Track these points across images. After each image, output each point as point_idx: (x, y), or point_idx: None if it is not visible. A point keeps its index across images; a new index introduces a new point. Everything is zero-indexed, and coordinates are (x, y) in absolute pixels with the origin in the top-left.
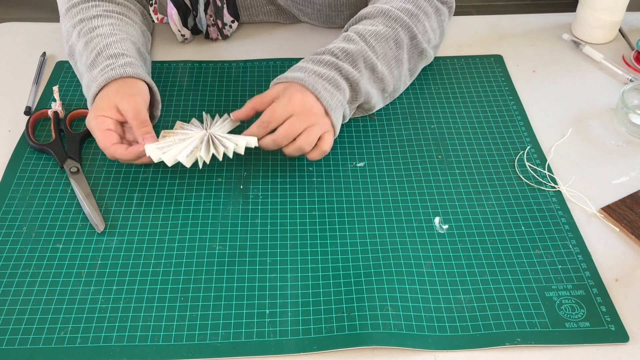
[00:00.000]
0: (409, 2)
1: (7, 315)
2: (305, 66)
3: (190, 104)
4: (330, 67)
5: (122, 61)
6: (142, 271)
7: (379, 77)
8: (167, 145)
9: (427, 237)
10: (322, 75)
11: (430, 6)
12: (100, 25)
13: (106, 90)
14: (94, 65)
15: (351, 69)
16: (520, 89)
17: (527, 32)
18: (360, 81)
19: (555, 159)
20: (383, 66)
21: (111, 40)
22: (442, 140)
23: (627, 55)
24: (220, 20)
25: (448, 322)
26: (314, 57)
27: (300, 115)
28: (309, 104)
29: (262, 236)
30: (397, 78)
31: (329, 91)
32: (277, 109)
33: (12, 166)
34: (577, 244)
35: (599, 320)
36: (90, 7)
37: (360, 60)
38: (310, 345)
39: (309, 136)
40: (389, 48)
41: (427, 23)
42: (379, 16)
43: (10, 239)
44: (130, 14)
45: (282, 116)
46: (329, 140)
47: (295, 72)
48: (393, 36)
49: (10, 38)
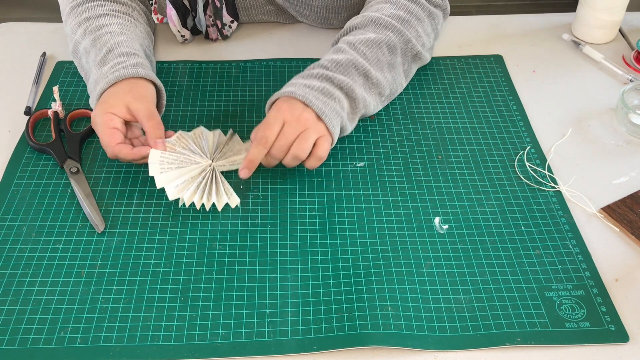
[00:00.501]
0: (400, 8)
1: (7, 315)
2: (296, 81)
3: (190, 104)
4: (321, 79)
5: (133, 61)
6: (142, 271)
7: (374, 83)
8: (169, 163)
9: (427, 237)
10: (313, 87)
11: (422, 11)
12: (108, 23)
13: (116, 88)
14: (105, 62)
15: (343, 78)
16: (520, 89)
17: (527, 32)
18: (354, 88)
19: (555, 159)
20: (377, 71)
21: (122, 40)
22: (442, 140)
23: (627, 55)
24: (220, 21)
25: (448, 322)
26: (305, 73)
27: (290, 123)
28: (298, 110)
29: (262, 236)
30: (392, 82)
31: (321, 100)
32: (268, 120)
33: (12, 166)
34: (577, 244)
35: (599, 320)
36: (96, 6)
37: (352, 68)
38: (310, 345)
39: (303, 143)
40: (381, 53)
41: (419, 28)
42: (369, 25)
43: (10, 239)
44: (135, 14)
45: (275, 127)
46: (324, 145)
47: (286, 88)
48: (385, 41)
49: (10, 38)
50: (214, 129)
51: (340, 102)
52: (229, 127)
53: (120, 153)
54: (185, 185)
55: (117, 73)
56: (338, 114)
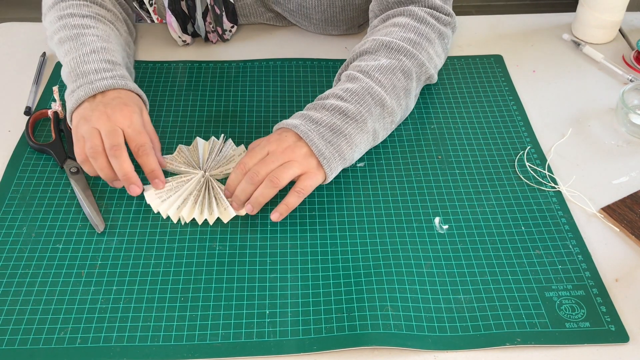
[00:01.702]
0: (410, 31)
1: (7, 315)
2: (306, 113)
3: (190, 104)
4: (333, 112)
5: (120, 72)
6: (142, 271)
7: (389, 112)
8: (167, 192)
9: (427, 237)
10: (321, 123)
11: (432, 32)
12: (93, 25)
13: (109, 100)
14: (87, 62)
15: (358, 109)
16: (520, 89)
17: (527, 32)
18: (367, 120)
19: (555, 159)
20: (392, 99)
21: (107, 46)
22: (442, 140)
23: (627, 55)
24: (220, 27)
25: (448, 322)
26: (318, 103)
27: (275, 153)
28: (287, 143)
29: (262, 236)
30: (405, 108)
31: (325, 138)
32: (254, 149)
33: (12, 166)
34: (577, 244)
35: (599, 321)
36: (82, 6)
37: (368, 97)
38: (310, 345)
39: (281, 171)
40: (397, 80)
41: (431, 50)
42: (380, 50)
43: (10, 239)
44: (117, 23)
45: (258, 155)
46: (305, 181)
47: (292, 119)
48: (399, 67)
49: (10, 38)
50: (210, 138)
51: (349, 139)
52: (228, 128)
53: (108, 178)
54: (183, 203)
55: (108, 82)
56: (342, 157)
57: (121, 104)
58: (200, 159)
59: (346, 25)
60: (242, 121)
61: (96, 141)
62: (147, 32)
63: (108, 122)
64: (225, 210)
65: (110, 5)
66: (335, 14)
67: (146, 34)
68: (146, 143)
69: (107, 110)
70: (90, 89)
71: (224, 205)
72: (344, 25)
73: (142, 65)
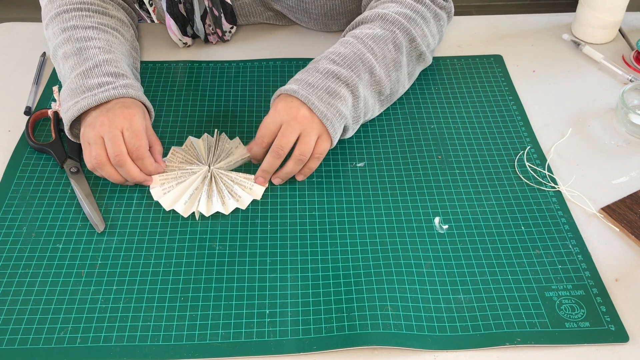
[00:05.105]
0: (407, 7)
1: (7, 315)
2: (301, 77)
3: (190, 104)
4: (326, 75)
5: (122, 82)
6: (142, 271)
7: (376, 80)
8: (169, 181)
9: (427, 237)
10: (317, 86)
11: (428, 11)
12: (96, 37)
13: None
14: (89, 76)
15: (349, 73)
16: (520, 89)
17: (527, 32)
18: (359, 85)
19: (555, 159)
20: (381, 68)
21: (109, 58)
22: (442, 140)
23: (627, 55)
24: (220, 29)
25: (448, 322)
26: (311, 66)
27: (289, 123)
28: (295, 109)
29: (262, 236)
30: (395, 81)
31: (324, 101)
32: (266, 121)
33: (12, 166)
34: (577, 244)
35: (599, 320)
36: (84, 17)
37: (359, 62)
38: (310, 345)
39: (304, 145)
40: (387, 50)
41: (425, 28)
42: (376, 20)
43: (10, 239)
44: (122, 28)
45: (272, 127)
46: (322, 145)
47: (290, 84)
48: (391, 38)
49: (10, 38)
50: (202, 136)
51: (345, 101)
52: (228, 128)
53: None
54: (193, 199)
55: (110, 92)
56: (342, 116)
57: (123, 107)
58: (204, 154)
59: (346, 18)
60: (242, 121)
61: (100, 151)
62: (147, 32)
63: (109, 127)
64: (251, 190)
65: (114, 11)
66: (335, 6)
67: (146, 34)
68: (141, 146)
69: (109, 114)
70: (93, 101)
71: (247, 187)
72: (344, 18)
73: (142, 66)
